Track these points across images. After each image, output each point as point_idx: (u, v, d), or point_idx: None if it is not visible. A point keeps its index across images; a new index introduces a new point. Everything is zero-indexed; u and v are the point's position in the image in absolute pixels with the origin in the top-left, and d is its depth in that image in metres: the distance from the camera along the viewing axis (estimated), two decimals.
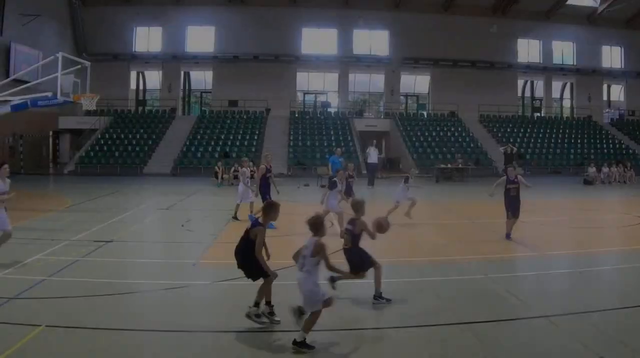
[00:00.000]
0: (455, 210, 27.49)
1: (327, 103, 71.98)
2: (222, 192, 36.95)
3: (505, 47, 70.24)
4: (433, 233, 21.81)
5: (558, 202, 33.48)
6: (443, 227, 22.10)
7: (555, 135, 64.94)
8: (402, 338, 10.45)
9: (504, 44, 69.86)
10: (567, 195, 34.44)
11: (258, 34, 66.67)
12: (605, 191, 40.83)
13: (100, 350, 9.66)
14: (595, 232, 22.53)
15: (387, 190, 35.93)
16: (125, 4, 67.11)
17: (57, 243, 18.55)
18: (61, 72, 23.37)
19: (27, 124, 53.79)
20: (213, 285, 14.02)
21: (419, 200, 24.03)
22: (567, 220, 23.79)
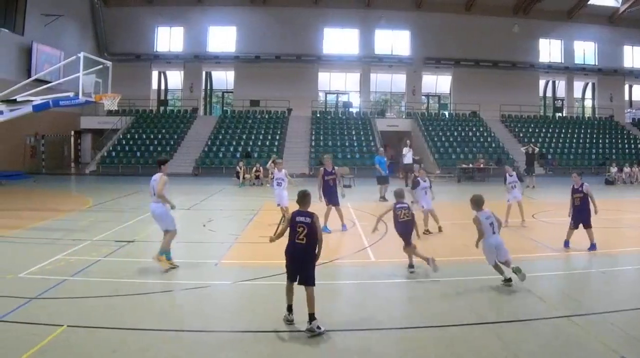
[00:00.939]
0: None
1: (348, 103, 71.75)
2: (243, 192, 37.12)
3: (527, 47, 69.91)
4: (454, 233, 21.76)
5: None
6: (464, 227, 21.93)
7: (577, 135, 64.57)
8: (425, 338, 10.46)
9: (526, 44, 69.56)
10: None
11: (280, 33, 66.74)
12: (626, 191, 40.66)
13: (121, 350, 9.70)
14: (617, 232, 22.43)
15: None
16: (146, 4, 67.35)
17: (78, 243, 18.61)
18: (83, 72, 23.41)
19: (49, 123, 54.10)
20: (235, 285, 14.02)
21: (441, 200, 23.90)
22: None
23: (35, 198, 32.07)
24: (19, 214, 25.59)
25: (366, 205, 29.50)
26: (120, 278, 14.40)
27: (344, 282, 14.76)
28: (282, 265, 12.24)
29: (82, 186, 43.47)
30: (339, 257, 17.17)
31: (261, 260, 16.70)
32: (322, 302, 12.09)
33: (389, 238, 20.24)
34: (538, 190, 37.58)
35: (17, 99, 24.31)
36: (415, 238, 15.39)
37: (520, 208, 23.56)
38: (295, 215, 11.72)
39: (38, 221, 23.02)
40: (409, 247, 15.22)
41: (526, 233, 20.33)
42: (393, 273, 15.48)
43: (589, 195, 18.23)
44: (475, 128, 63.11)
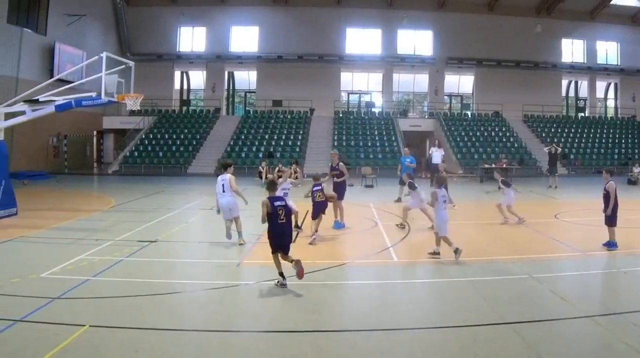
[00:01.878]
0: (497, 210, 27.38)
1: (371, 103, 71.67)
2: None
3: (550, 47, 69.57)
4: (477, 233, 21.67)
5: (602, 202, 33.09)
6: (487, 227, 21.94)
7: (600, 135, 64.25)
8: (447, 338, 10.44)
9: (548, 44, 69.22)
10: None
11: (302, 34, 66.81)
12: None
13: (143, 350, 9.71)
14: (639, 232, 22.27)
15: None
16: (169, 4, 67.62)
17: (101, 243, 18.63)
18: (105, 72, 23.39)
19: (72, 123, 54.35)
20: (257, 285, 13.99)
21: (463, 201, 23.80)
22: None
23: (57, 198, 32.14)
24: (42, 214, 25.62)
25: (389, 204, 29.38)
26: (143, 278, 14.43)
27: (366, 282, 14.62)
28: (305, 265, 12.42)
29: (104, 186, 43.57)
30: (361, 257, 17.10)
31: (284, 260, 16.55)
32: (344, 301, 12.22)
33: (412, 238, 20.28)
34: (560, 190, 37.39)
35: (40, 99, 24.32)
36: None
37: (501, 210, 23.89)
38: (273, 201, 14.42)
39: (60, 221, 23.07)
40: (314, 219, 18.67)
41: (548, 233, 20.21)
42: (415, 274, 15.55)
43: (610, 194, 18.18)
44: (498, 128, 62.89)
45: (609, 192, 18.26)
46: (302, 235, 20.48)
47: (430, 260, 16.53)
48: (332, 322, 11.28)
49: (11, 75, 43.67)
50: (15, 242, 18.93)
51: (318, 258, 16.51)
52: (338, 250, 18.68)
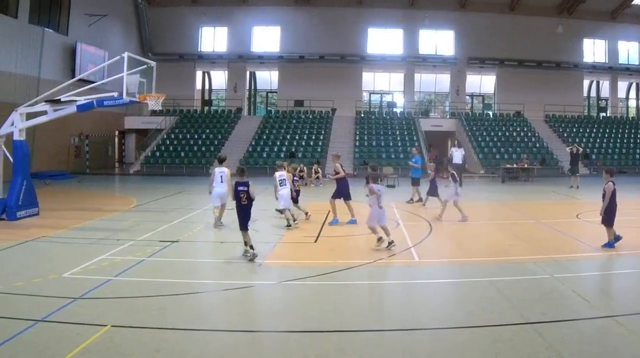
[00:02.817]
0: (521, 210, 27.22)
1: (392, 103, 71.65)
2: None
3: (571, 47, 69.21)
4: (499, 233, 21.55)
5: (623, 202, 32.80)
6: (509, 227, 21.87)
7: (621, 135, 63.76)
8: (469, 338, 10.40)
9: (570, 44, 68.86)
10: (633, 195, 33.79)
11: (324, 33, 66.75)
12: None
13: (165, 350, 9.72)
14: None
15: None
16: (190, 4, 67.77)
17: (122, 243, 18.69)
18: (127, 72, 23.40)
19: (93, 124, 54.59)
20: (279, 285, 13.98)
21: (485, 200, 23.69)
22: (633, 221, 23.33)
23: (79, 199, 32.23)
24: (63, 214, 25.71)
25: (410, 204, 29.28)
26: (164, 278, 14.47)
27: (387, 282, 14.68)
28: (327, 265, 12.32)
29: (126, 186, 43.63)
30: (382, 257, 17.01)
31: (305, 260, 16.69)
32: (366, 301, 12.33)
33: (433, 238, 20.25)
34: (582, 190, 37.19)
35: (61, 99, 24.37)
36: None
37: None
38: (238, 186, 16.74)
39: (82, 221, 23.13)
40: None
41: (570, 233, 20.13)
42: (436, 274, 15.47)
43: (606, 194, 18.37)
44: (520, 128, 62.60)
45: (606, 192, 18.39)
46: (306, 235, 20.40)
47: (451, 260, 16.58)
48: (354, 322, 11.23)
49: (33, 75, 43.89)
50: (37, 242, 19.00)
51: (339, 259, 16.50)
52: (359, 250, 18.58)
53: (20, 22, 43.75)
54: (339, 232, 21.26)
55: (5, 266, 15.59)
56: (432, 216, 24.77)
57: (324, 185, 40.43)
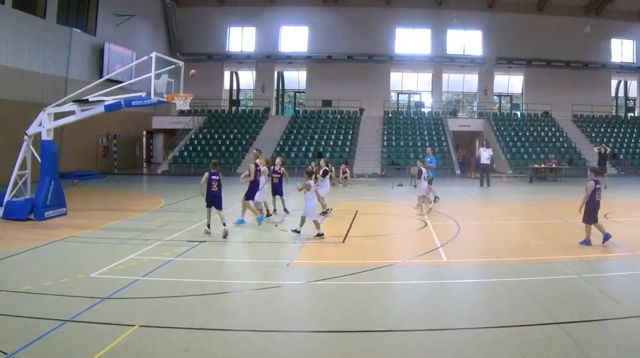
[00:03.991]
0: (549, 209, 27.09)
1: (420, 103, 71.47)
2: None
3: (599, 47, 68.60)
4: (527, 233, 21.40)
5: None
6: (536, 227, 21.76)
7: None
8: (497, 338, 10.37)
9: (598, 44, 68.26)
10: None
11: (351, 34, 66.63)
12: None
13: (193, 350, 9.72)
14: None
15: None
16: (218, 4, 67.97)
17: (150, 243, 18.78)
18: (155, 72, 23.44)
19: (121, 124, 54.79)
20: (307, 285, 14.00)
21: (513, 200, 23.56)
22: None
23: (107, 198, 32.36)
24: (91, 214, 25.81)
25: (438, 204, 29.18)
26: (192, 278, 14.50)
27: (415, 282, 14.62)
28: (355, 265, 12.35)
29: (154, 186, 43.76)
30: (410, 257, 17.02)
31: (333, 260, 16.74)
32: (394, 301, 12.35)
33: (461, 238, 20.19)
34: (610, 190, 36.87)
35: (89, 99, 24.44)
36: None
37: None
38: (211, 175, 20.18)
39: (110, 221, 23.21)
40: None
41: (598, 232, 20.02)
42: (464, 274, 15.48)
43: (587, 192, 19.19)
44: (547, 128, 62.19)
45: (587, 189, 19.16)
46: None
47: (479, 260, 16.62)
48: (381, 322, 11.23)
49: (61, 75, 44.01)
50: (65, 242, 19.10)
51: (368, 259, 16.46)
52: (387, 250, 18.64)
53: (48, 22, 43.95)
54: (367, 232, 21.22)
55: (33, 266, 15.67)
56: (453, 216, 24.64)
57: (352, 186, 40.36)
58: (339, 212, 25.87)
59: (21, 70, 40.18)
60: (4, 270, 15.08)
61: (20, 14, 40.53)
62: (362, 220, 24.30)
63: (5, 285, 13.39)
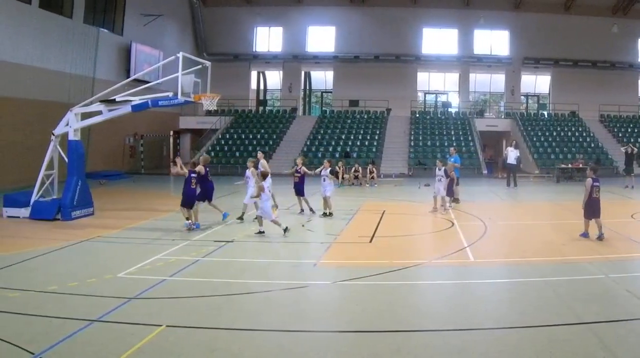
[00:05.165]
0: (575, 209, 26.91)
1: (447, 103, 71.21)
2: (342, 192, 36.86)
3: (626, 47, 67.92)
4: (553, 233, 21.39)
5: None
6: (563, 227, 21.64)
7: None
8: (523, 338, 10.39)
9: (625, 44, 67.63)
10: None
11: (378, 33, 66.47)
12: None
13: (220, 350, 9.78)
14: None
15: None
16: (245, 4, 67.87)
17: (177, 243, 18.91)
18: (182, 72, 23.46)
19: (148, 124, 54.80)
20: (334, 285, 14.02)
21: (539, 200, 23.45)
22: None
23: (134, 198, 32.45)
24: (118, 214, 25.98)
25: (465, 204, 29.09)
26: (219, 278, 14.58)
27: (442, 282, 14.65)
28: (382, 265, 12.38)
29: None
30: (437, 257, 17.03)
31: (360, 261, 16.74)
32: (421, 301, 12.60)
33: (488, 238, 20.13)
34: (637, 190, 36.73)
35: (116, 99, 24.53)
36: None
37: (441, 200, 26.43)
38: (190, 172, 21.52)
39: (137, 221, 23.30)
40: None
41: (625, 232, 19.93)
42: (491, 274, 15.49)
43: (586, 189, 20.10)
44: (574, 128, 61.82)
45: (585, 187, 20.04)
46: None
47: (506, 260, 16.68)
48: (408, 322, 11.24)
49: (88, 75, 44.14)
50: (92, 242, 19.23)
51: (395, 259, 16.43)
52: (414, 250, 18.68)
53: (75, 22, 44.05)
54: (394, 232, 21.19)
55: (60, 266, 15.81)
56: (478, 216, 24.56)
57: (379, 186, 40.30)
58: (366, 212, 25.88)
59: (48, 70, 40.31)
60: (31, 270, 15.18)
61: (47, 14, 40.64)
62: (389, 220, 24.28)
63: (32, 285, 13.48)
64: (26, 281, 13.90)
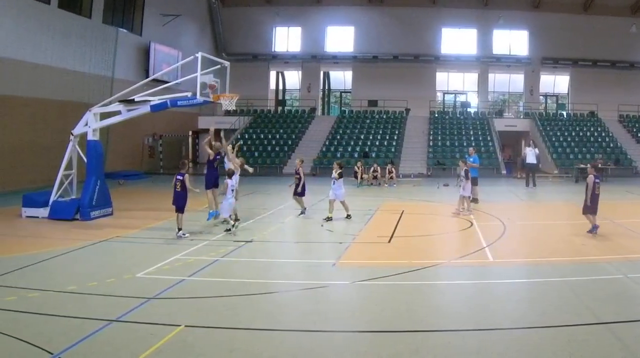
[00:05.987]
0: None
1: (466, 103, 71.24)
2: (361, 192, 36.95)
3: None
4: (572, 233, 21.24)
5: None
6: (582, 227, 21.49)
7: None
8: (542, 338, 10.35)
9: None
10: None
11: (397, 34, 66.48)
12: None
13: (239, 350, 9.78)
14: None
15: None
16: (264, 4, 67.92)
17: (196, 243, 18.96)
18: (200, 72, 23.47)
19: (167, 124, 54.96)
20: (352, 286, 14.00)
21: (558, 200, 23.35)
22: None
23: (152, 199, 32.41)
24: (137, 214, 26.10)
25: (484, 204, 29.01)
26: (238, 278, 14.58)
27: (461, 282, 14.61)
28: (400, 265, 12.40)
29: (199, 186, 43.74)
30: (456, 257, 17.03)
31: (379, 260, 16.73)
32: (440, 301, 12.63)
33: (507, 239, 20.09)
34: None
35: (135, 99, 24.56)
36: None
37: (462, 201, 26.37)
38: (176, 175, 20.88)
39: (155, 221, 23.34)
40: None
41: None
42: (510, 274, 15.47)
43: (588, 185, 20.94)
44: (593, 128, 61.55)
45: (587, 184, 20.81)
46: None
47: (525, 260, 16.68)
48: (428, 322, 11.24)
49: (106, 75, 44.32)
50: (111, 242, 19.31)
51: (414, 259, 16.40)
52: (433, 251, 18.68)
53: (94, 22, 44.20)
54: (413, 232, 21.17)
55: (79, 266, 15.85)
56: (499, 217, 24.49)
57: (397, 186, 40.24)
58: (384, 212, 25.86)
59: (67, 70, 40.39)
60: (50, 270, 15.26)
61: (66, 14, 40.77)
62: (408, 220, 24.30)
63: (51, 285, 13.53)
64: (45, 281, 13.96)
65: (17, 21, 35.64)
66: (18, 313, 11.45)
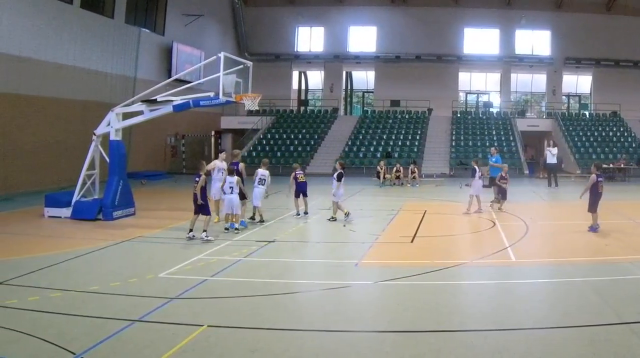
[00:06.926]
0: (617, 209, 26.74)
1: (489, 103, 71.06)
2: (384, 192, 36.97)
3: None
4: (594, 233, 21.04)
5: None
6: (605, 227, 21.38)
7: None
8: (565, 338, 10.34)
9: None
10: None
11: (420, 34, 66.41)
12: None
13: (261, 350, 9.77)
14: None
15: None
16: (287, 4, 68.11)
17: (218, 243, 18.95)
18: (223, 72, 23.45)
19: (190, 123, 55.10)
20: (375, 286, 13.99)
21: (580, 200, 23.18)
22: None
23: (175, 199, 32.42)
24: (159, 214, 26.15)
25: (507, 204, 28.85)
26: (261, 278, 14.57)
27: (484, 282, 14.57)
28: (423, 265, 12.49)
29: None
30: (478, 257, 16.99)
31: (401, 260, 16.68)
32: (462, 301, 12.65)
33: (529, 239, 20.05)
34: None
35: (158, 99, 24.60)
36: None
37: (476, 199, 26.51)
38: (194, 177, 20.21)
39: (178, 221, 23.29)
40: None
41: None
42: (533, 274, 15.45)
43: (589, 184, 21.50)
44: (616, 128, 61.26)
45: (589, 183, 21.43)
46: None
47: (548, 260, 16.66)
48: (450, 322, 11.22)
49: (129, 75, 44.49)
50: (133, 242, 19.38)
51: (436, 259, 16.39)
52: (456, 251, 18.65)
53: (116, 22, 44.33)
54: (435, 232, 21.15)
55: (102, 266, 15.90)
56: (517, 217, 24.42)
57: (420, 186, 40.17)
58: (407, 212, 25.83)
59: (89, 70, 40.61)
60: (73, 270, 15.30)
61: (89, 14, 40.88)
62: (430, 220, 24.27)
63: (73, 285, 13.58)
64: (68, 281, 14.00)
65: (40, 22, 35.75)
66: (41, 313, 11.48)
